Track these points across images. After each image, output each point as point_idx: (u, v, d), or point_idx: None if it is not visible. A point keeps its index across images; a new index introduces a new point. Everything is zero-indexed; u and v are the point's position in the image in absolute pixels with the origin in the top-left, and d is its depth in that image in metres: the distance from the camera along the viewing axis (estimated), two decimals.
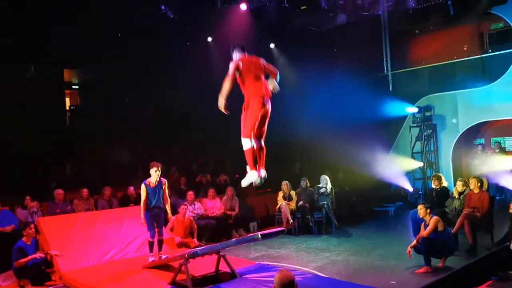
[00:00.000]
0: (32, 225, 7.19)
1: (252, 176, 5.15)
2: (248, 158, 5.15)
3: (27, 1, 9.70)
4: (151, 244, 7.67)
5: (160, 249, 7.68)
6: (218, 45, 13.12)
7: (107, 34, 11.37)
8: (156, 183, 7.57)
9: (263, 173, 5.23)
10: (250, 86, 5.19)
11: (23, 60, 11.44)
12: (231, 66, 5.12)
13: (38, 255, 6.91)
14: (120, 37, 11.95)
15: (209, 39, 13.23)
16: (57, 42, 11.09)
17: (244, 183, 5.23)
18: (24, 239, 6.98)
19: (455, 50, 14.25)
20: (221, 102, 5.05)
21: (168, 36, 12.21)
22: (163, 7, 10.24)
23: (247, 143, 5.15)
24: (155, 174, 7.54)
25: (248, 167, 5.17)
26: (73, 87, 14.11)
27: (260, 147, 5.26)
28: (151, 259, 7.53)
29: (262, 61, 5.38)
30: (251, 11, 11.19)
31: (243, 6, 10.80)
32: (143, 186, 7.55)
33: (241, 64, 5.15)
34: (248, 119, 5.16)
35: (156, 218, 7.62)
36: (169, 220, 8.41)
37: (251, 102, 5.17)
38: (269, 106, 5.23)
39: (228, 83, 5.06)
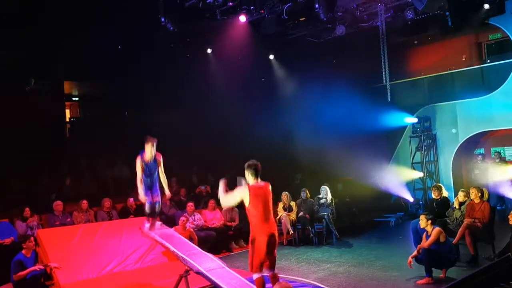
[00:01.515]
0: (32, 238, 7.16)
1: None
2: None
3: (27, 14, 9.75)
4: (149, 208, 7.51)
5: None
6: (218, 56, 13.20)
7: (107, 46, 11.43)
8: (152, 159, 7.42)
9: None
10: (256, 219, 5.30)
11: (24, 72, 11.47)
12: (236, 195, 5.39)
13: (38, 267, 6.86)
14: (120, 50, 12.01)
15: (209, 50, 13.30)
16: (58, 54, 11.16)
17: None
18: (23, 251, 6.94)
19: (453, 61, 14.33)
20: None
21: (168, 48, 12.28)
22: (163, 20, 10.30)
23: (256, 276, 5.31)
24: (150, 149, 7.32)
25: None
26: (73, 99, 14.14)
27: (273, 276, 5.37)
28: (147, 224, 7.49)
29: (269, 189, 5.48)
30: (250, 23, 11.26)
31: (243, 18, 10.86)
32: (138, 159, 7.33)
33: (248, 197, 5.30)
34: (255, 257, 5.27)
35: (150, 187, 7.45)
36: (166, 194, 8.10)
37: (257, 239, 5.27)
38: (276, 236, 5.36)
39: (228, 201, 5.52)
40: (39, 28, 10.16)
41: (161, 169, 7.53)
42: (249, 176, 5.42)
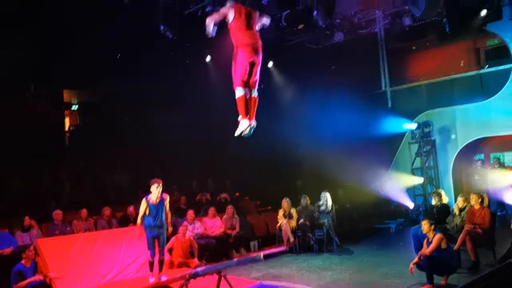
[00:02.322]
0: (31, 247, 7.12)
1: (243, 125, 5.25)
2: (240, 106, 5.25)
3: (27, 21, 9.77)
4: (151, 264, 7.61)
5: (160, 269, 7.61)
6: (217, 63, 13.22)
7: (107, 54, 11.46)
8: (158, 200, 7.52)
9: (254, 122, 5.32)
10: (240, 34, 5.25)
11: (23, 80, 11.48)
12: (220, 11, 5.23)
13: (38, 277, 6.83)
14: (119, 58, 12.04)
15: (208, 58, 13.33)
16: (57, 63, 11.17)
17: (236, 132, 5.33)
18: (23, 261, 6.90)
19: (452, 66, 14.37)
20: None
21: (167, 55, 12.31)
22: (162, 27, 10.33)
23: (238, 91, 5.24)
24: (156, 190, 7.51)
25: (240, 116, 5.24)
26: (73, 107, 14.15)
27: (251, 97, 5.34)
28: (151, 279, 7.46)
29: (256, 13, 5.46)
30: None
31: None
32: (144, 201, 7.51)
33: (231, 12, 5.22)
34: (238, 68, 5.23)
35: (158, 237, 7.56)
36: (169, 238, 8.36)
37: (240, 50, 5.23)
38: (259, 55, 5.30)
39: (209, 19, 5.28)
40: (39, 33, 10.17)
41: (166, 208, 7.67)
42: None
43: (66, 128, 13.58)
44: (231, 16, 5.30)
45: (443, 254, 6.76)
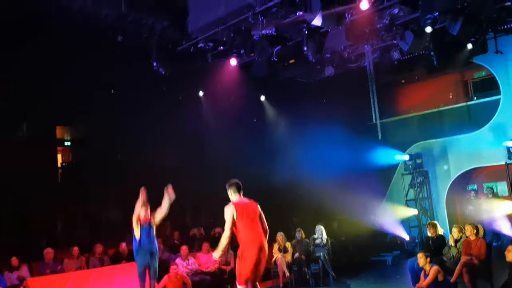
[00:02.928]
0: (21, 287, 6.97)
1: None
2: None
3: (12, 60, 9.84)
4: None
5: None
6: (210, 98, 13.36)
7: (99, 90, 11.54)
8: (147, 221, 7.38)
9: None
10: (245, 234, 5.34)
11: (15, 120, 11.46)
12: (228, 219, 5.30)
13: None
14: (112, 94, 12.12)
15: (201, 93, 13.47)
16: (49, 99, 11.20)
17: None
18: None
19: (441, 98, 14.63)
20: (217, 256, 5.40)
21: (160, 91, 12.42)
22: (155, 64, 10.47)
23: None
24: (141, 203, 7.38)
25: None
26: (65, 143, 14.10)
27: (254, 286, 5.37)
28: None
29: (258, 207, 5.59)
30: (241, 66, 11.48)
31: (233, 61, 11.07)
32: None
33: (235, 213, 5.34)
34: (243, 270, 5.31)
35: (148, 266, 7.38)
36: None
37: (246, 251, 5.32)
38: (265, 251, 5.42)
39: (226, 240, 5.33)
40: (29, 72, 10.24)
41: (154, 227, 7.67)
42: (232, 195, 5.59)
43: (59, 165, 13.48)
44: (234, 215, 5.43)
45: (440, 287, 6.68)
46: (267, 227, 5.67)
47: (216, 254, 5.27)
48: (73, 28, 9.31)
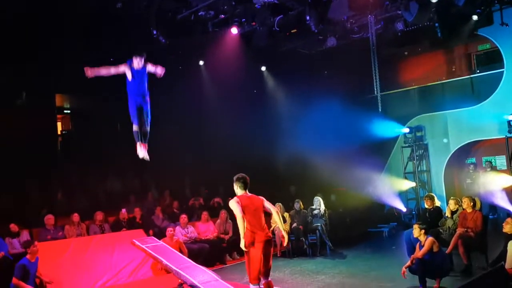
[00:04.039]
0: (36, 243, 7.12)
1: None
2: None
3: (16, 26, 9.70)
4: (136, 134, 7.44)
5: (145, 140, 7.46)
6: (210, 68, 13.23)
7: (99, 59, 11.40)
8: (140, 66, 7.31)
9: None
10: (249, 229, 5.37)
11: (14, 86, 11.39)
12: (235, 208, 5.36)
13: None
14: (112, 62, 11.98)
15: (201, 62, 13.34)
16: (49, 67, 11.11)
17: None
18: (28, 256, 6.93)
19: (443, 71, 14.50)
20: (243, 246, 5.37)
21: (160, 60, 12.26)
22: (155, 32, 10.32)
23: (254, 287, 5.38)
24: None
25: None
26: (65, 111, 14.06)
27: (267, 283, 5.43)
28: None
29: (264, 202, 5.59)
30: (242, 35, 11.32)
31: (234, 30, 10.92)
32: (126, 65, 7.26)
33: (239, 204, 5.37)
34: (252, 266, 5.35)
35: (140, 111, 7.37)
36: None
37: (252, 248, 5.35)
38: (271, 242, 5.48)
39: (242, 223, 5.34)
40: (30, 40, 10.12)
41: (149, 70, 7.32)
42: (237, 189, 5.62)
43: (59, 132, 13.48)
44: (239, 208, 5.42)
45: (435, 258, 6.78)
46: (280, 214, 5.77)
47: (242, 245, 5.35)
48: None
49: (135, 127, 7.43)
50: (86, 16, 9.67)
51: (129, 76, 7.25)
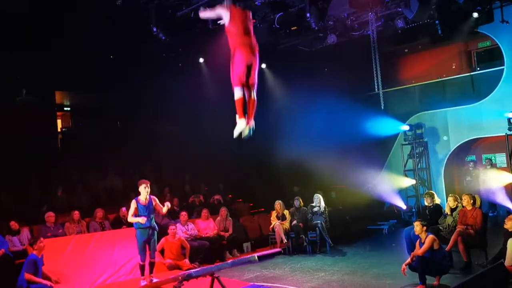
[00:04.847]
0: (41, 238, 7.17)
1: (241, 125, 5.26)
2: (237, 106, 5.29)
3: (16, 24, 9.69)
4: (142, 268, 7.59)
5: (151, 271, 7.59)
6: (210, 65, 13.21)
7: (99, 56, 11.41)
8: (147, 200, 7.52)
9: (253, 123, 5.32)
10: (236, 36, 5.26)
11: (14, 83, 11.39)
12: (216, 9, 5.27)
13: (49, 283, 6.88)
14: (112, 60, 11.99)
15: (201, 60, 13.32)
16: (49, 65, 11.10)
17: (235, 133, 5.32)
18: (35, 252, 6.98)
19: (444, 69, 14.47)
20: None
21: (160, 58, 12.28)
22: (154, 30, 10.30)
23: (237, 92, 5.27)
24: (144, 191, 7.53)
25: (237, 116, 5.28)
26: (65, 109, 14.07)
27: (250, 97, 5.34)
28: (143, 282, 7.43)
29: (250, 14, 5.48)
30: None
31: None
32: (133, 201, 7.51)
33: (228, 12, 5.22)
34: (235, 69, 5.24)
35: (148, 241, 7.55)
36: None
37: (238, 51, 5.22)
38: (256, 57, 5.30)
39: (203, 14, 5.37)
40: (31, 38, 10.11)
41: (158, 206, 7.74)
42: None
43: (59, 129, 13.49)
44: (227, 18, 5.30)
45: (435, 255, 6.79)
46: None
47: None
48: None
49: (141, 262, 7.67)
50: (86, 14, 9.65)
51: (132, 211, 7.53)
